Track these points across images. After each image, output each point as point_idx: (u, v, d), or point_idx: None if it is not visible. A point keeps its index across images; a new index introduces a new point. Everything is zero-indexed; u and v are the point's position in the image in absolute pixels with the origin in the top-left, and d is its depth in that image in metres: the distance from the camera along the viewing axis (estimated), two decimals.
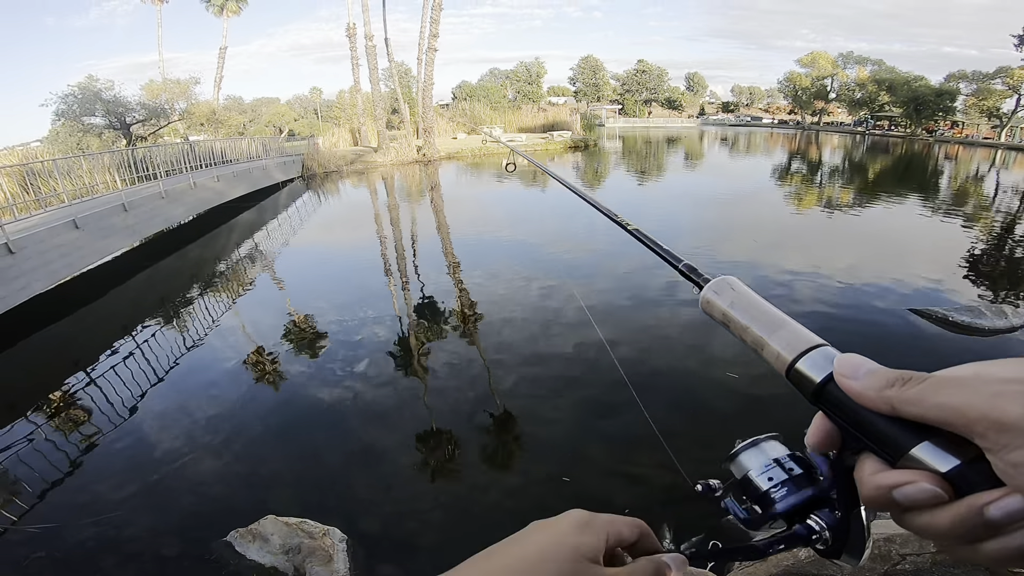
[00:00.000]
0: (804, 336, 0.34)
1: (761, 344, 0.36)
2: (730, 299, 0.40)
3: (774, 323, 0.36)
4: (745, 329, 0.38)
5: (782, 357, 0.34)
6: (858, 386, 0.30)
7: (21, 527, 3.12)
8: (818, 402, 0.32)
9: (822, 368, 0.32)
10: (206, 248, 11.70)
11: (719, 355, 4.86)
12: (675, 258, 0.51)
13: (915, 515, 0.28)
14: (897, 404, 0.28)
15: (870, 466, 0.29)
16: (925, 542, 1.81)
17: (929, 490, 0.26)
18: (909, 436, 0.28)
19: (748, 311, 0.38)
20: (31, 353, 6.19)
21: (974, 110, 40.54)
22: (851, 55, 53.04)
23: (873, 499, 0.29)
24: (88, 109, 24.40)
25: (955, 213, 12.12)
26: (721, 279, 0.42)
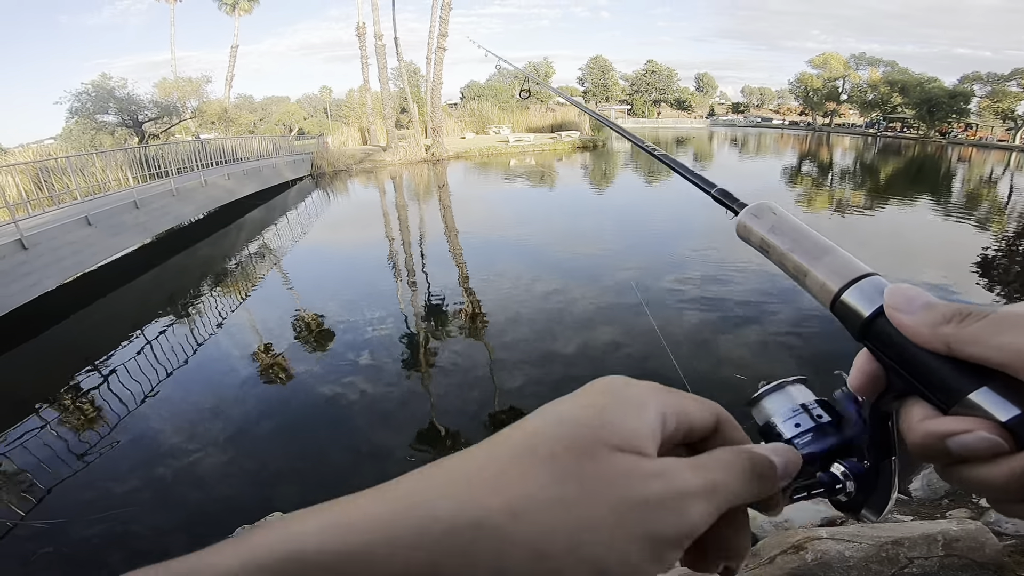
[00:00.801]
0: (853, 264, 0.31)
1: (804, 272, 0.33)
2: (771, 223, 0.36)
3: (820, 249, 0.33)
4: (785, 255, 0.34)
5: (827, 287, 0.31)
6: (911, 321, 0.26)
7: (29, 522, 3.15)
8: (865, 338, 0.29)
9: (872, 300, 0.29)
10: (216, 246, 11.79)
11: (727, 356, 4.83)
12: (708, 183, 0.47)
13: (967, 467, 0.25)
14: (954, 343, 0.25)
15: (919, 412, 0.26)
16: (933, 545, 1.79)
17: (989, 439, 0.23)
18: (967, 379, 0.25)
19: (790, 236, 0.35)
20: (42, 349, 6.26)
21: (988, 112, 40.07)
22: (863, 56, 52.58)
23: (922, 447, 0.26)
24: (101, 107, 24.69)
25: (968, 215, 11.98)
26: (761, 203, 0.38)
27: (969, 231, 10.46)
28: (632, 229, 10.87)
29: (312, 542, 0.18)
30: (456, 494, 0.20)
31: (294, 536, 0.19)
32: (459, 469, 0.22)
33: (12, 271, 6.49)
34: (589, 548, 0.20)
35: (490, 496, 0.20)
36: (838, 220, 11.85)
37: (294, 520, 0.20)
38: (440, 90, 27.68)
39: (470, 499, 0.20)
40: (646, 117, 72.23)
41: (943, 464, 0.26)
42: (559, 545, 0.20)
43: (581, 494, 0.21)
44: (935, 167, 25.50)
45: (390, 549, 0.18)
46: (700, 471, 0.24)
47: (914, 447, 0.26)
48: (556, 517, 0.20)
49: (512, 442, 0.23)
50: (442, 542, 0.19)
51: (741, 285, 6.81)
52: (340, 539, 0.18)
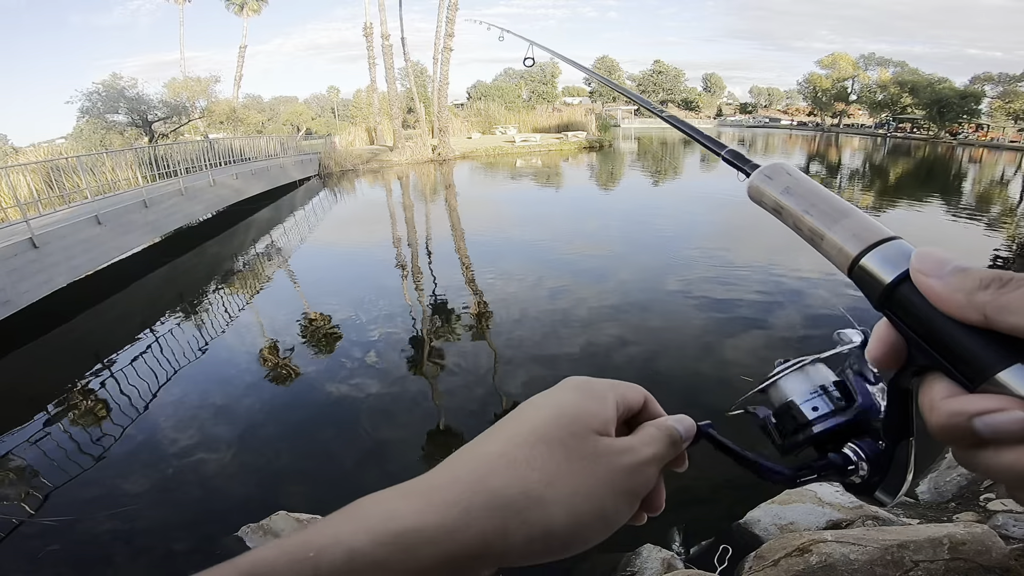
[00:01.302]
0: (873, 227, 0.29)
1: (820, 235, 0.31)
2: (785, 184, 0.35)
3: (838, 211, 0.31)
4: (800, 217, 0.32)
5: (845, 251, 0.29)
6: (942, 287, 0.24)
7: (37, 519, 3.17)
8: (886, 306, 0.27)
9: (895, 265, 0.26)
10: (224, 245, 11.86)
11: (733, 358, 4.81)
12: (718, 145, 0.46)
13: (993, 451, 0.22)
14: (992, 312, 0.22)
15: (942, 388, 0.24)
16: (939, 549, 1.78)
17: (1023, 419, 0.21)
18: (999, 354, 0.22)
19: (806, 197, 0.33)
20: (52, 347, 6.32)
21: (1000, 113, 39.64)
22: (873, 56, 52.25)
23: (945, 428, 0.24)
24: (112, 107, 24.93)
25: (979, 217, 11.85)
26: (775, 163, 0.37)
27: (979, 233, 10.35)
28: (637, 230, 10.84)
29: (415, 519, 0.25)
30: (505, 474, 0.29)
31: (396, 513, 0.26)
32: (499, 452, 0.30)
33: (23, 269, 6.55)
34: (598, 502, 0.29)
35: (529, 472, 0.29)
36: None
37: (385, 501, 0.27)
38: (447, 90, 27.75)
39: (515, 476, 0.28)
40: (653, 118, 71.84)
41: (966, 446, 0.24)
42: (580, 503, 0.29)
43: (585, 467, 0.30)
44: (945, 168, 25.25)
45: (469, 519, 0.26)
46: (649, 445, 0.33)
47: (935, 427, 0.24)
48: (576, 483, 0.29)
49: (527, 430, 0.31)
50: (504, 510, 0.27)
51: (747, 287, 6.77)
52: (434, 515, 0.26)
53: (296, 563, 0.22)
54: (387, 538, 0.24)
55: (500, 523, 0.27)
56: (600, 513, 0.30)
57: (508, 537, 0.27)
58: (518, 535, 0.27)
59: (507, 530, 0.27)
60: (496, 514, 0.27)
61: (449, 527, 0.25)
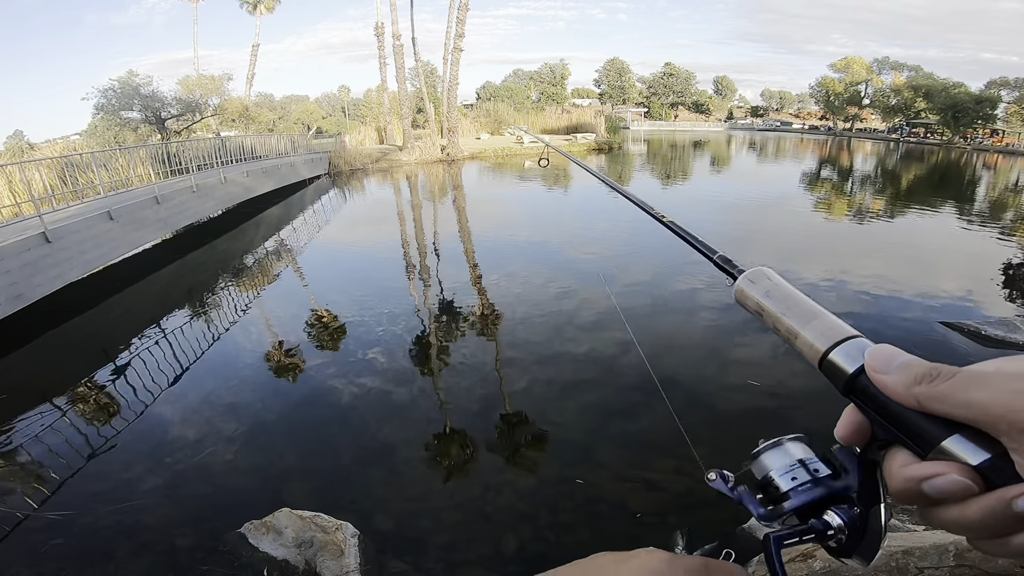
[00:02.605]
0: (838, 327, 0.34)
1: (794, 334, 0.36)
2: (765, 289, 0.40)
3: (808, 314, 0.36)
4: (779, 319, 0.37)
5: (815, 347, 0.34)
6: (889, 380, 0.29)
7: (41, 514, 3.19)
8: (850, 393, 0.32)
9: (855, 359, 0.32)
10: (234, 242, 11.96)
11: (741, 359, 4.78)
12: (710, 249, 0.51)
13: (944, 509, 0.27)
14: (924, 401, 0.28)
15: (900, 459, 0.29)
16: (944, 555, 1.76)
17: (959, 482, 0.26)
18: (940, 429, 0.27)
19: (783, 301, 0.38)
20: (63, 341, 6.40)
21: (1016, 118, 39.12)
22: (887, 60, 51.74)
23: (902, 492, 0.28)
24: (126, 103, 25.18)
25: (992, 224, 11.70)
26: (757, 269, 0.42)
27: (993, 240, 10.22)
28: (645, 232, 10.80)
29: None
30: None
31: None
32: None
33: (36, 263, 6.64)
34: None
35: None
36: (859, 227, 11.66)
37: None
38: (456, 90, 27.79)
39: None
40: (663, 120, 71.74)
41: (923, 506, 0.28)
42: None
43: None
44: (959, 174, 24.95)
45: None
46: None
47: (895, 491, 0.29)
48: None
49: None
50: None
51: None
52: None
53: None
54: None
55: None
56: None
57: None
58: None
59: None
60: None
61: None
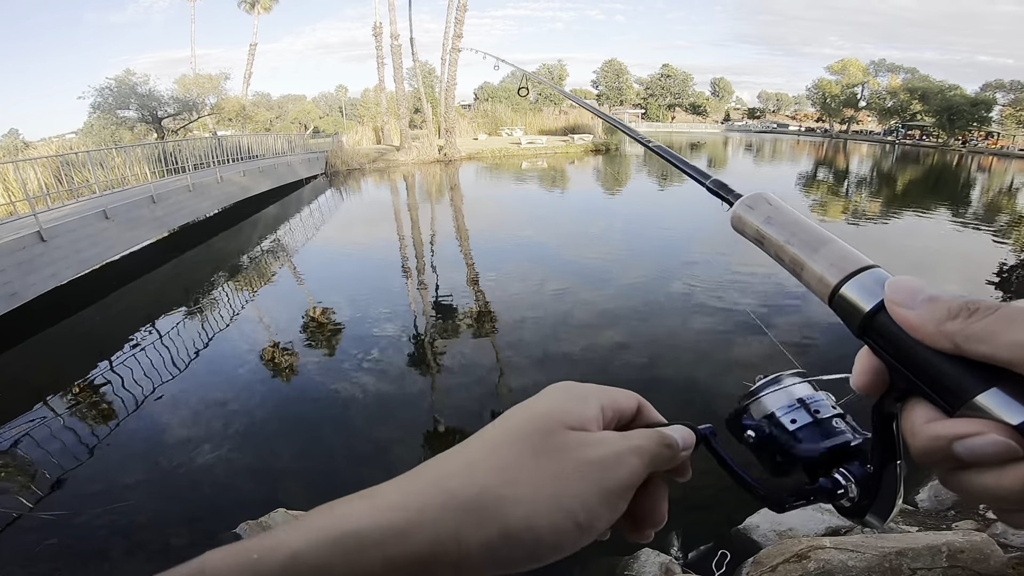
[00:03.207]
0: (852, 256, 0.29)
1: (800, 264, 0.31)
2: (766, 213, 0.35)
3: (817, 240, 0.31)
4: (782, 247, 0.33)
5: (825, 280, 0.29)
6: (914, 316, 0.25)
7: (35, 514, 3.17)
8: (865, 334, 0.27)
9: (873, 294, 0.27)
10: (230, 241, 11.93)
11: (733, 363, 4.80)
12: (702, 174, 0.46)
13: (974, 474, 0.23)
14: (961, 341, 0.23)
15: (923, 413, 0.25)
16: (937, 556, 1.77)
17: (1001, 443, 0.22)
18: (975, 379, 0.23)
19: (787, 227, 0.33)
20: (57, 340, 6.37)
21: (1011, 121, 39.36)
22: (883, 63, 52.00)
23: (927, 452, 0.24)
24: (123, 102, 25.12)
25: (986, 225, 11.77)
26: (756, 193, 0.37)
27: (987, 242, 10.27)
28: (641, 233, 10.83)
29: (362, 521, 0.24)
30: (463, 474, 0.27)
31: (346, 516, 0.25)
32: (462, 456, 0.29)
33: (30, 262, 6.61)
34: (564, 500, 0.27)
35: (490, 473, 0.28)
36: (852, 228, 11.71)
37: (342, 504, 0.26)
38: (454, 91, 27.78)
39: (473, 477, 0.27)
40: (660, 121, 71.91)
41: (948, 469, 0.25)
42: (543, 501, 0.27)
43: (552, 462, 0.28)
44: (954, 176, 25.08)
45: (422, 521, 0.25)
46: (627, 438, 0.31)
47: (917, 451, 0.25)
48: (539, 480, 0.28)
49: (498, 432, 0.30)
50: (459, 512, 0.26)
51: (750, 292, 6.75)
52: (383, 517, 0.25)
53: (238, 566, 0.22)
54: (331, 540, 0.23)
55: (453, 526, 0.25)
56: (569, 513, 0.27)
57: (462, 541, 0.25)
58: (473, 539, 0.25)
59: (461, 533, 0.25)
60: (449, 516, 0.25)
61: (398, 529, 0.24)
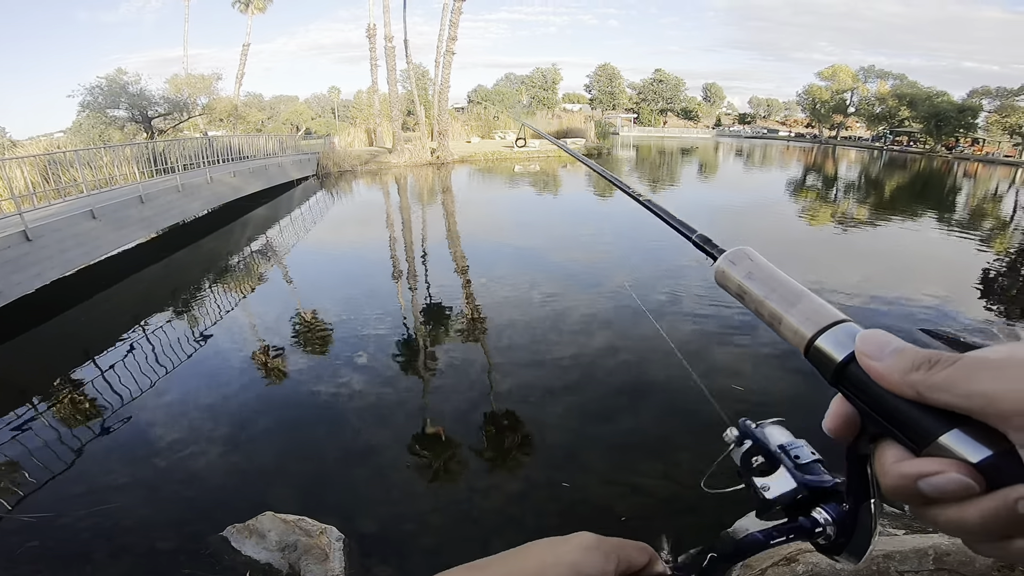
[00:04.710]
0: (825, 311, 0.31)
1: (778, 318, 0.33)
2: (747, 270, 0.37)
3: (793, 296, 0.33)
4: (762, 302, 0.35)
5: (801, 332, 0.31)
6: (882, 367, 0.27)
7: (16, 515, 3.13)
8: (838, 383, 0.29)
9: (844, 346, 0.29)
10: (219, 242, 11.82)
11: (722, 368, 4.82)
12: (689, 229, 0.48)
13: (941, 508, 0.25)
14: (923, 390, 0.25)
15: (892, 454, 0.27)
16: (924, 559, 1.79)
17: (960, 481, 0.24)
18: (937, 422, 0.25)
19: (766, 283, 0.35)
20: (42, 340, 6.28)
21: (996, 127, 39.95)
22: (872, 69, 52.64)
23: (896, 489, 0.26)
24: (113, 102, 24.84)
25: (971, 232, 11.93)
26: (738, 249, 0.39)
27: (972, 248, 10.42)
28: (631, 237, 10.88)
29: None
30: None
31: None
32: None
33: (16, 261, 6.52)
34: None
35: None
36: (840, 235, 11.83)
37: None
38: (447, 93, 27.79)
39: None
40: (652, 126, 72.31)
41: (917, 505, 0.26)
42: None
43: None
44: (940, 182, 25.43)
45: None
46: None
47: (887, 489, 0.27)
48: None
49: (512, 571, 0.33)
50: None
51: None
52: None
53: None
54: None
55: None
56: None
57: None
58: None
59: None
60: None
61: None
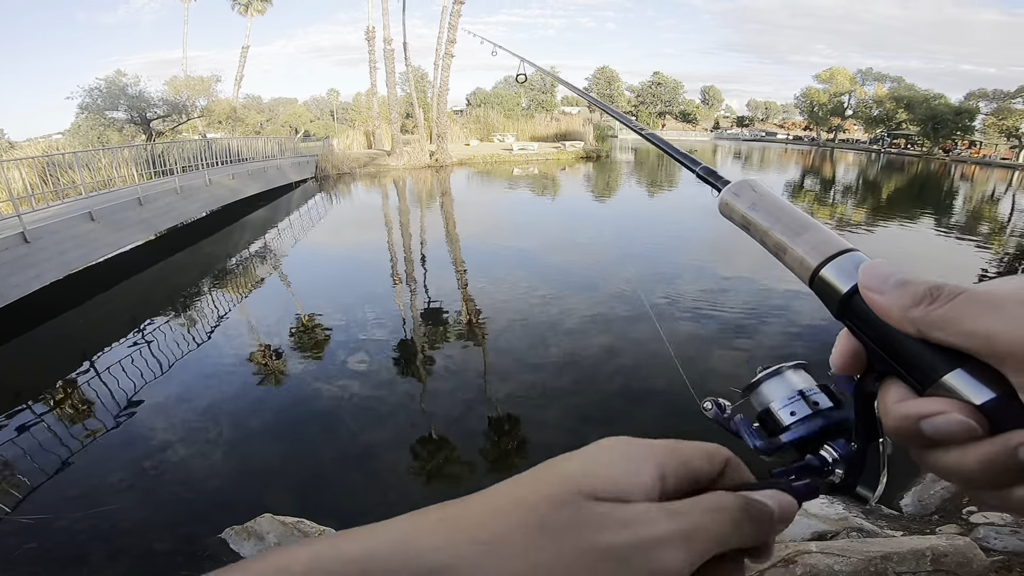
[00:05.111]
0: (832, 240, 0.30)
1: (783, 248, 0.33)
2: (751, 200, 0.36)
3: (799, 225, 0.33)
4: (766, 232, 0.34)
5: (806, 262, 0.31)
6: (884, 301, 0.25)
7: (14, 517, 3.12)
8: (843, 316, 0.28)
9: (850, 276, 0.28)
10: (218, 245, 11.81)
11: (720, 368, 4.83)
12: (692, 161, 0.47)
13: (941, 451, 0.24)
14: (923, 327, 0.24)
15: (895, 393, 0.26)
16: (922, 560, 1.79)
17: (962, 422, 0.22)
18: (941, 361, 0.24)
19: (771, 212, 0.35)
20: (40, 342, 6.27)
21: (993, 130, 40.11)
22: (870, 71, 52.82)
23: (897, 430, 0.25)
24: (112, 103, 24.83)
25: (968, 235, 11.98)
26: (742, 180, 0.38)
27: (969, 250, 10.45)
28: (630, 240, 10.90)
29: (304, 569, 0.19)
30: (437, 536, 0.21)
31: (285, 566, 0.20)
32: (446, 513, 0.23)
33: (14, 263, 6.51)
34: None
35: (467, 541, 0.21)
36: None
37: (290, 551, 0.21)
38: (446, 96, 27.86)
39: (448, 542, 0.21)
40: (651, 129, 72.41)
41: (918, 447, 0.25)
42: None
43: (550, 543, 0.21)
44: (938, 185, 25.52)
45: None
46: (676, 518, 0.23)
47: (889, 429, 0.26)
48: (528, 562, 0.21)
49: (502, 490, 0.25)
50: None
51: (736, 298, 6.80)
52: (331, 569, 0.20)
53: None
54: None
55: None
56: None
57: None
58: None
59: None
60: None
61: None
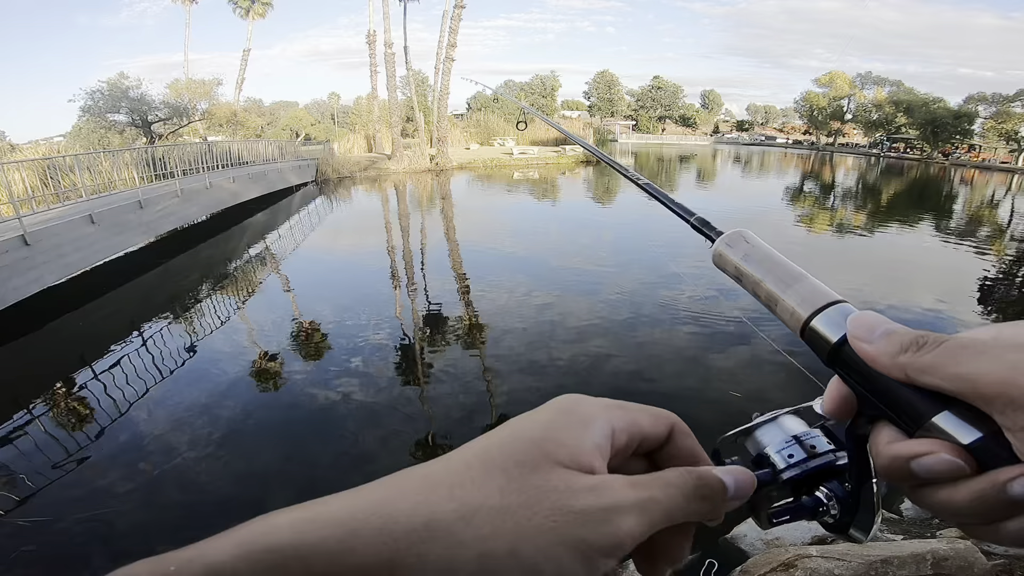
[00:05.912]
0: (821, 292, 0.32)
1: (775, 299, 0.34)
2: (744, 252, 0.37)
3: (790, 277, 0.34)
4: (758, 283, 0.35)
5: (797, 314, 0.32)
6: (872, 350, 0.27)
7: (12, 520, 3.11)
8: (834, 364, 0.30)
9: (839, 327, 0.29)
10: (218, 248, 11.82)
11: (720, 374, 4.82)
12: (687, 211, 0.48)
13: (932, 490, 0.25)
14: (911, 372, 0.25)
15: (886, 435, 0.27)
16: (922, 564, 1.79)
17: (950, 462, 0.24)
18: (929, 404, 0.25)
19: (762, 264, 0.36)
20: (39, 345, 6.26)
21: (992, 133, 40.20)
22: (869, 75, 53.00)
23: (889, 470, 0.27)
24: (113, 106, 24.95)
25: (967, 240, 11.98)
26: (735, 231, 0.39)
27: (968, 255, 10.46)
28: (629, 244, 10.91)
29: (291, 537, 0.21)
30: (415, 498, 0.23)
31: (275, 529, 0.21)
32: (423, 476, 0.24)
33: (14, 266, 6.51)
34: (527, 553, 0.22)
35: (445, 501, 0.23)
36: (837, 242, 11.88)
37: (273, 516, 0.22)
38: (447, 100, 27.95)
39: (426, 503, 0.23)
40: (650, 133, 72.67)
41: (911, 487, 0.26)
42: (501, 548, 0.22)
43: (523, 504, 0.23)
44: (937, 189, 25.57)
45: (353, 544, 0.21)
46: (637, 488, 0.26)
47: (882, 469, 0.27)
48: (500, 523, 0.23)
49: (471, 454, 0.25)
50: (399, 539, 0.21)
51: (736, 304, 6.80)
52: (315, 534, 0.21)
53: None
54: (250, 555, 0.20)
55: (388, 555, 0.21)
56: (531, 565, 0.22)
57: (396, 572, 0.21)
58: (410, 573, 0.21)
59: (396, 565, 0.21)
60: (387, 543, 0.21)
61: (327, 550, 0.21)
